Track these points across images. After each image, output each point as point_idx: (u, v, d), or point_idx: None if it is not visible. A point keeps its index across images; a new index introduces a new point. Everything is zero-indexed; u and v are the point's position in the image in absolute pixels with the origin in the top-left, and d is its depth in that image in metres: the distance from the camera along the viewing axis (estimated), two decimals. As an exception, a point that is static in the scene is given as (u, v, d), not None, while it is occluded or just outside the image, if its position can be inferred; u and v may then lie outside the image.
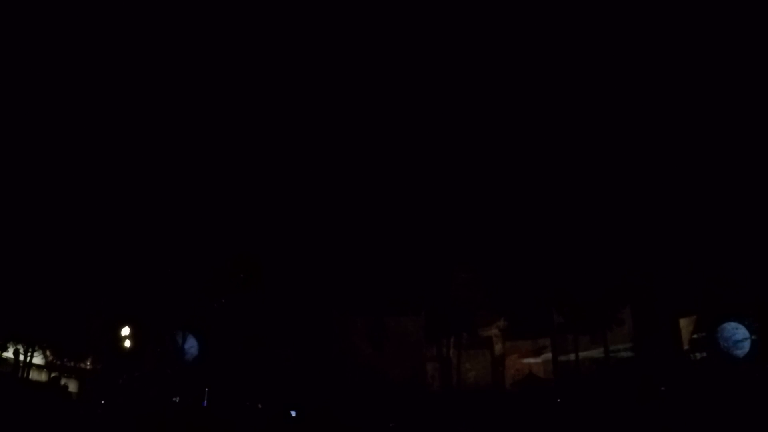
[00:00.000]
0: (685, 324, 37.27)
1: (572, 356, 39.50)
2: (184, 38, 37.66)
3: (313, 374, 40.67)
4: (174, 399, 35.93)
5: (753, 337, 33.14)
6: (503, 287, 42.84)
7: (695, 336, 35.94)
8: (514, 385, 42.19)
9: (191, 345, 37.79)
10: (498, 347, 44.74)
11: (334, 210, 42.02)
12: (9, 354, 35.03)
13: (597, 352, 38.77)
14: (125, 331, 35.19)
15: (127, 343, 35.70)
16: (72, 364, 38.79)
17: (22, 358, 35.13)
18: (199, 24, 37.79)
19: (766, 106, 32.47)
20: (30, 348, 35.37)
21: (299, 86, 41.38)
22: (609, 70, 37.57)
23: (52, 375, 37.80)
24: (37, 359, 36.67)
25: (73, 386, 38.33)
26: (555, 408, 36.74)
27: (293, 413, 35.44)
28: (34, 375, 36.68)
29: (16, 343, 34.87)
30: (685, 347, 36.25)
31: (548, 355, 42.15)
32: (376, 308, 43.44)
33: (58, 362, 38.08)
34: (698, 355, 34.85)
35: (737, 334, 33.85)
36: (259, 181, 40.09)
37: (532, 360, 42.78)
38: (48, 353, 37.32)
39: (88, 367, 39.42)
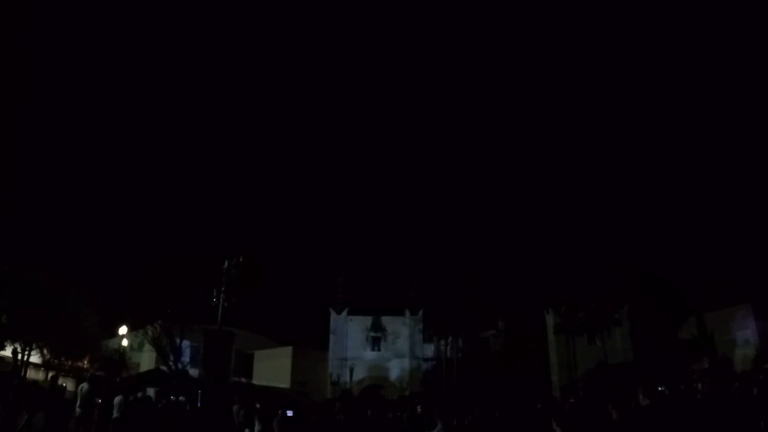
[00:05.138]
0: (683, 324, 37.15)
1: (570, 357, 39.40)
2: (186, 40, 37.87)
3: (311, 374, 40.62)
4: (171, 398, 35.94)
5: (752, 335, 33.04)
6: (501, 288, 42.82)
7: (693, 336, 35.80)
8: (511, 385, 41.98)
9: (188, 344, 37.97)
10: (496, 348, 44.56)
11: (333, 211, 42.11)
12: (7, 353, 35.08)
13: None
14: (122, 330, 35.26)
15: (125, 342, 35.81)
16: (70, 363, 38.83)
17: (20, 356, 35.18)
18: (199, 25, 37.99)
19: (765, 107, 32.39)
20: (28, 347, 35.42)
21: (300, 88, 41.53)
22: (608, 72, 37.55)
23: (50, 374, 37.77)
24: (35, 358, 36.72)
25: (70, 385, 38.32)
26: (553, 409, 36.53)
27: (290, 413, 35.37)
28: (31, 374, 36.71)
29: (14, 341, 34.93)
30: (683, 347, 36.09)
31: (546, 356, 42.09)
32: (374, 308, 43.49)
33: (56, 361, 38.11)
34: (695, 355, 34.71)
35: (734, 334, 33.76)
36: (260, 181, 40.19)
37: (529, 361, 42.71)
38: (46, 352, 37.36)
39: (85, 366, 39.47)
